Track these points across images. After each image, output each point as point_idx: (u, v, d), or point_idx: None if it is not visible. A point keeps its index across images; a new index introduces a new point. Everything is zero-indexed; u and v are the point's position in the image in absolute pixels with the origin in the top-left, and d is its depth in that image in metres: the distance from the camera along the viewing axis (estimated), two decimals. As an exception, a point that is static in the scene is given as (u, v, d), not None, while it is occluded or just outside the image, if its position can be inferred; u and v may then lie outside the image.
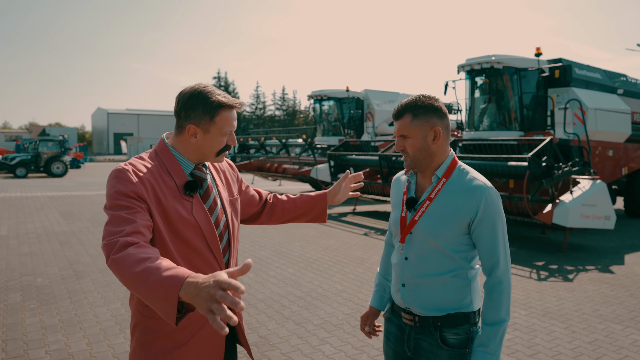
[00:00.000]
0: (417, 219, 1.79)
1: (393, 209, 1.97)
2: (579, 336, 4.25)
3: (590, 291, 5.59)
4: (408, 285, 1.81)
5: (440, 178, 1.79)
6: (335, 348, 3.97)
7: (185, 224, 1.62)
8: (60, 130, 68.13)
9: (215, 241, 1.69)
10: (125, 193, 1.52)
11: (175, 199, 1.62)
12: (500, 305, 1.71)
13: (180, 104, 1.67)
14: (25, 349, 3.91)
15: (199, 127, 1.64)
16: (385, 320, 2.00)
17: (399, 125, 1.78)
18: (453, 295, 1.76)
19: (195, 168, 1.72)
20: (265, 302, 5.13)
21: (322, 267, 6.57)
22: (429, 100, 1.77)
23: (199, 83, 1.70)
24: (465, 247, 1.76)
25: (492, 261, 1.73)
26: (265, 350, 3.91)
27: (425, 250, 1.77)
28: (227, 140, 1.70)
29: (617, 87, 11.58)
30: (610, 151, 10.60)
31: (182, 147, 1.70)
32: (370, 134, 16.83)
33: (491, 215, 1.71)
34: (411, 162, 1.79)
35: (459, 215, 1.72)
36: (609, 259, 7.30)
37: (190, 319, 1.63)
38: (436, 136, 1.76)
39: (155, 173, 1.63)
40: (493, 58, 10.33)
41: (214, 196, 1.75)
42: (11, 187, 19.12)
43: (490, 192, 1.73)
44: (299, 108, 74.55)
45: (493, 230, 1.72)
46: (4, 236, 8.59)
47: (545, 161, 7.66)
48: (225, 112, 1.65)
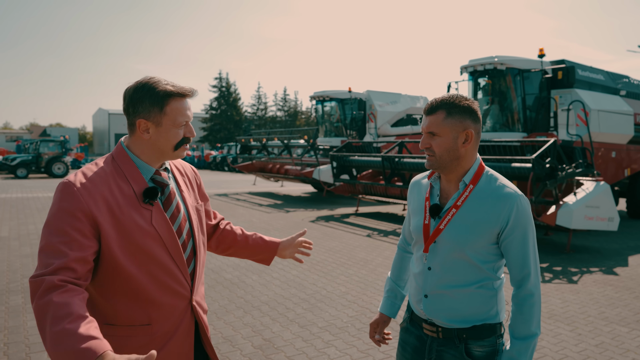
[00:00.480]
0: (442, 228, 1.70)
1: (413, 214, 1.86)
2: (585, 339, 4.22)
3: (595, 293, 5.56)
4: (431, 296, 1.73)
5: (467, 184, 1.70)
6: (341, 351, 3.94)
7: (145, 235, 1.52)
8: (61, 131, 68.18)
9: (178, 251, 1.59)
10: (69, 212, 1.42)
11: (132, 209, 1.52)
12: (532, 319, 1.65)
13: (127, 100, 1.56)
14: (27, 352, 3.88)
15: (149, 121, 1.54)
16: (402, 330, 1.92)
17: (430, 121, 1.68)
18: (479, 306, 1.69)
19: (156, 173, 1.61)
20: (269, 304, 5.10)
21: (326, 269, 6.55)
22: (466, 100, 1.68)
23: (145, 76, 1.60)
24: (493, 257, 1.69)
25: (522, 273, 1.66)
26: (269, 354, 3.88)
27: (451, 260, 1.69)
28: (184, 132, 1.60)
29: (620, 88, 11.56)
30: (613, 152, 10.58)
31: (138, 147, 1.59)
32: (372, 135, 16.82)
33: (522, 224, 1.64)
34: (435, 162, 1.69)
35: (488, 224, 1.64)
36: (612, 260, 7.27)
37: (152, 334, 1.54)
38: (467, 139, 1.67)
39: (110, 181, 1.52)
40: (496, 59, 10.32)
41: (177, 202, 1.64)
42: (12, 187, 19.11)
43: (521, 200, 1.66)
44: (300, 109, 74.52)
45: (524, 241, 1.65)
46: (5, 237, 8.57)
47: (549, 162, 7.64)
48: (176, 101, 1.56)
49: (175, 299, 1.58)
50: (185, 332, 1.62)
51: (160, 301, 1.54)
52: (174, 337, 1.59)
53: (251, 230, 9.41)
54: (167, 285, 1.56)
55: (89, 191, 1.46)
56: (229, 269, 6.51)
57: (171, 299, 1.57)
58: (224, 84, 62.80)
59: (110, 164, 1.57)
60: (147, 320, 1.54)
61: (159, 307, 1.54)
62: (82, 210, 1.43)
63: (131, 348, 1.52)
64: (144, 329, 1.54)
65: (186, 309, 1.62)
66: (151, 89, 1.54)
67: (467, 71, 10.85)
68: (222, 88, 62.64)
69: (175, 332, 1.59)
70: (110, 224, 1.47)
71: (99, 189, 1.48)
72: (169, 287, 1.57)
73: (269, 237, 2.07)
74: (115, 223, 1.48)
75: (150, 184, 1.60)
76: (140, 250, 1.51)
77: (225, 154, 33.68)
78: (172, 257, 1.58)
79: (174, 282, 1.58)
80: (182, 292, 1.60)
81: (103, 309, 1.53)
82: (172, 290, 1.57)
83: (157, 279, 1.54)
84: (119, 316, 1.52)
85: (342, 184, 12.40)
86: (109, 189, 1.50)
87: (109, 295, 1.52)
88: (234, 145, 33.39)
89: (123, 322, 1.52)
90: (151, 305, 1.53)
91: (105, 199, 1.48)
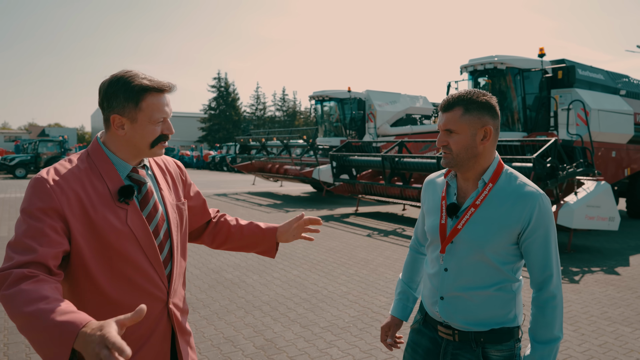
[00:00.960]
0: (460, 228, 1.64)
1: (428, 214, 1.80)
2: (588, 339, 4.21)
3: (597, 293, 5.55)
4: (447, 299, 1.68)
5: (487, 183, 1.64)
6: (343, 351, 3.92)
7: (119, 235, 1.44)
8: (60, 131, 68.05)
9: (155, 252, 1.51)
10: (40, 208, 1.36)
11: (106, 208, 1.44)
12: (554, 322, 1.61)
13: (102, 94, 1.49)
14: (27, 352, 3.85)
15: (124, 117, 1.46)
16: (414, 331, 1.87)
17: (447, 118, 1.62)
18: (497, 309, 1.64)
19: (133, 170, 1.53)
20: (271, 304, 5.08)
21: (327, 269, 6.53)
22: (484, 96, 1.62)
23: (122, 69, 1.51)
24: (513, 258, 1.64)
25: (544, 274, 1.62)
26: (271, 354, 3.86)
27: (469, 261, 1.63)
28: (161, 129, 1.51)
29: (620, 88, 11.56)
30: (613, 152, 10.58)
31: (114, 143, 1.52)
32: (372, 134, 16.81)
33: (545, 224, 1.60)
34: (452, 160, 1.63)
35: (508, 224, 1.59)
36: (613, 260, 7.27)
37: (126, 338, 1.43)
38: (486, 136, 1.61)
39: (84, 179, 1.44)
40: (496, 59, 10.32)
41: (155, 201, 1.56)
42: (11, 187, 19.06)
43: (543, 199, 1.60)
44: (299, 109, 74.49)
45: (546, 241, 1.61)
46: (4, 237, 8.53)
47: (549, 162, 7.63)
48: (152, 96, 1.47)
49: (151, 301, 1.50)
50: (161, 337, 1.54)
51: (134, 304, 1.45)
52: (148, 341, 1.51)
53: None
54: (142, 288, 1.49)
55: (62, 188, 1.39)
56: (229, 269, 6.48)
57: (146, 301, 1.48)
58: (222, 84, 62.73)
59: (85, 161, 1.50)
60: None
61: (132, 309, 1.44)
62: (53, 207, 1.37)
63: None
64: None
65: (162, 313, 1.55)
66: (126, 83, 1.46)
67: (467, 71, 10.85)
68: (220, 88, 62.56)
69: (150, 336, 1.51)
70: (82, 223, 1.41)
71: (71, 187, 1.41)
72: (144, 289, 1.50)
73: (266, 224, 1.93)
74: (87, 222, 1.41)
75: (127, 182, 1.52)
76: (113, 251, 1.44)
77: (224, 154, 33.64)
78: (148, 258, 1.50)
79: (150, 284, 1.51)
80: (157, 295, 1.53)
81: None
82: (147, 292, 1.50)
83: (131, 281, 1.47)
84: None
85: (341, 184, 12.38)
86: (82, 187, 1.43)
87: (79, 297, 1.45)
88: (233, 145, 33.37)
89: None
90: (124, 307, 1.45)
91: (78, 197, 1.41)
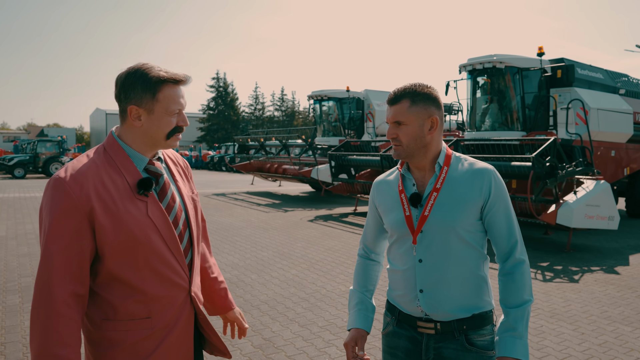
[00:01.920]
0: (427, 214, 1.66)
1: (387, 212, 1.78)
2: (588, 338, 4.19)
3: (596, 292, 5.53)
4: (428, 290, 1.67)
5: (442, 166, 1.70)
6: (342, 351, 3.89)
7: (142, 227, 1.48)
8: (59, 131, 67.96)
9: (175, 242, 1.55)
10: (65, 210, 1.40)
11: (127, 201, 1.48)
12: (524, 286, 1.65)
13: (119, 86, 1.52)
14: (24, 352, 3.83)
15: (141, 108, 1.50)
16: (388, 336, 1.81)
17: (395, 110, 1.68)
18: (475, 292, 1.67)
19: (149, 163, 1.57)
20: (269, 303, 5.05)
21: (325, 268, 6.50)
22: (428, 88, 1.69)
23: (138, 62, 1.55)
24: (481, 234, 1.70)
25: (510, 242, 1.69)
26: (270, 353, 3.84)
27: (443, 245, 1.65)
28: (177, 121, 1.55)
29: (619, 87, 11.54)
30: (612, 151, 10.56)
31: (130, 136, 1.54)
32: (370, 134, 16.78)
33: (503, 195, 1.67)
34: (403, 152, 1.68)
35: (471, 199, 1.65)
36: (613, 259, 7.25)
37: (153, 327, 1.51)
38: (433, 126, 1.68)
39: (102, 174, 1.47)
40: (495, 58, 10.27)
41: (172, 193, 1.60)
42: (9, 187, 19.01)
43: (496, 173, 1.69)
44: (297, 109, 74.48)
45: (507, 211, 1.68)
46: (3, 237, 8.51)
47: (549, 161, 7.61)
48: (169, 88, 1.51)
49: (175, 290, 1.55)
50: (185, 324, 1.59)
51: (160, 293, 1.51)
52: (174, 329, 1.55)
53: (250, 229, 9.38)
54: (166, 277, 1.53)
55: (82, 185, 1.42)
56: (227, 268, 6.45)
57: (170, 290, 1.54)
58: (221, 84, 62.68)
59: (102, 155, 1.52)
60: (147, 314, 1.51)
61: (158, 299, 1.52)
62: (78, 207, 1.40)
63: (132, 342, 1.49)
64: (144, 322, 1.50)
65: (185, 300, 1.59)
66: (143, 75, 1.49)
67: (466, 70, 10.80)
68: (219, 88, 62.51)
69: (175, 324, 1.56)
70: (104, 217, 1.43)
71: (91, 183, 1.44)
72: (168, 278, 1.54)
73: (229, 298, 1.93)
74: (110, 216, 1.44)
75: (144, 174, 1.55)
76: (138, 243, 1.47)
77: (222, 154, 33.63)
78: (169, 248, 1.54)
79: (173, 273, 1.55)
80: (180, 284, 1.57)
81: (102, 304, 1.50)
82: (171, 282, 1.54)
83: (155, 271, 1.51)
84: (118, 311, 1.49)
85: (340, 183, 12.36)
86: (101, 182, 1.46)
87: (108, 290, 1.49)
88: (231, 145, 33.34)
89: (123, 316, 1.49)
90: (150, 298, 1.50)
91: (97, 192, 1.44)
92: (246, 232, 9.20)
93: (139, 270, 1.49)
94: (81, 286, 1.44)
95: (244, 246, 7.92)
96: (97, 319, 1.50)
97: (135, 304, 1.49)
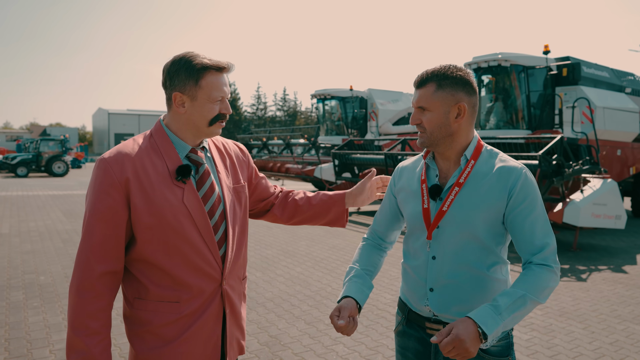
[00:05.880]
0: (445, 209, 1.54)
1: (405, 202, 1.68)
2: (598, 337, 4.13)
3: (605, 291, 5.47)
4: (438, 289, 1.56)
5: (468, 160, 1.56)
6: (349, 348, 3.84)
7: (175, 212, 1.49)
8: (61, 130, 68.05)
9: (209, 232, 1.54)
10: (105, 188, 1.46)
11: (164, 185, 1.50)
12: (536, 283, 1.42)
13: (165, 73, 1.56)
14: (28, 348, 3.79)
15: (185, 94, 1.52)
16: (398, 335, 1.72)
17: (419, 95, 1.55)
18: (491, 295, 1.53)
19: (192, 151, 1.58)
20: (274, 301, 5.01)
21: (330, 266, 6.45)
22: (459, 71, 1.53)
23: (184, 51, 1.57)
24: (501, 237, 1.56)
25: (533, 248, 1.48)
26: (276, 351, 3.79)
27: (459, 244, 1.53)
28: (219, 108, 1.56)
29: (625, 85, 11.47)
30: (618, 151, 10.48)
31: (175, 122, 1.57)
32: (374, 133, 16.74)
33: (529, 197, 1.50)
34: (427, 140, 1.56)
35: (495, 199, 1.51)
36: (620, 258, 7.19)
37: (180, 313, 1.52)
38: (460, 113, 1.53)
39: (144, 157, 1.51)
40: (500, 56, 10.22)
41: (211, 182, 1.59)
42: (12, 186, 19.01)
43: (526, 173, 1.53)
44: (299, 109, 74.47)
45: (533, 214, 1.49)
46: (6, 234, 8.48)
47: (555, 159, 7.55)
48: (212, 75, 1.52)
49: (205, 280, 1.55)
50: (214, 316, 1.58)
51: (189, 281, 1.52)
52: (201, 318, 1.54)
53: (253, 227, 9.33)
54: (197, 266, 1.53)
55: (122, 165, 1.47)
56: (232, 266, 6.41)
57: (200, 279, 1.54)
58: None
59: (148, 140, 1.57)
60: (176, 298, 1.52)
61: (188, 286, 1.52)
62: (116, 185, 1.46)
63: (159, 324, 1.52)
64: (172, 306, 1.52)
65: (215, 292, 1.57)
66: (187, 62, 1.51)
67: (471, 68, 10.74)
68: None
69: (202, 314, 1.55)
70: (139, 198, 1.47)
71: (131, 163, 1.48)
72: (199, 267, 1.53)
73: (335, 192, 1.95)
74: (144, 198, 1.48)
75: (185, 161, 1.56)
76: (169, 227, 1.49)
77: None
78: (202, 237, 1.53)
79: (204, 262, 1.54)
80: (211, 274, 1.56)
81: (135, 284, 1.55)
82: (201, 271, 1.54)
83: (186, 258, 1.52)
84: (149, 291, 1.52)
85: (343, 182, 12.31)
86: (141, 164, 1.50)
87: (141, 270, 1.53)
88: (234, 144, 33.32)
89: (152, 297, 1.52)
90: (179, 283, 1.52)
91: (136, 173, 1.48)
92: (250, 230, 9.16)
93: (169, 255, 1.50)
94: (117, 263, 1.49)
95: (248, 244, 7.86)
96: (130, 297, 1.56)
97: (164, 287, 1.52)
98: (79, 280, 1.46)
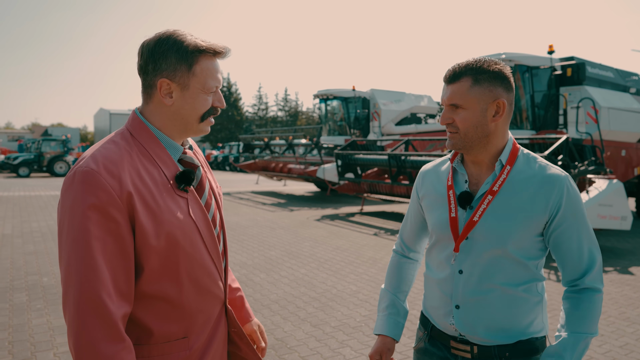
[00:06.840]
0: (476, 220, 1.39)
1: (431, 209, 1.55)
2: (608, 340, 4.08)
3: (613, 293, 5.42)
4: (465, 306, 1.43)
5: (504, 165, 1.40)
6: (356, 351, 3.80)
7: (184, 230, 1.23)
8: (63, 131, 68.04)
9: (215, 246, 1.32)
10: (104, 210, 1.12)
11: (168, 197, 1.23)
12: (590, 315, 1.38)
13: (146, 55, 1.23)
14: (32, 350, 3.75)
15: (174, 82, 1.23)
16: (419, 352, 1.60)
17: (453, 90, 1.38)
18: (524, 315, 1.41)
19: (183, 152, 1.33)
20: (279, 302, 4.97)
21: (335, 268, 6.41)
22: (496, 65, 1.39)
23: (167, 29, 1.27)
24: (538, 252, 1.43)
25: (581, 267, 1.41)
26: (283, 354, 3.75)
27: (490, 258, 1.39)
28: (213, 101, 1.29)
29: (630, 86, 11.42)
30: (622, 151, 10.44)
31: (159, 117, 1.27)
32: (376, 133, 16.71)
33: (576, 210, 1.39)
34: (460, 142, 1.40)
35: (534, 211, 1.37)
36: (627, 260, 7.14)
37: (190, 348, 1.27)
38: (499, 111, 1.38)
39: (138, 165, 1.21)
40: (504, 56, 10.17)
41: (209, 187, 1.37)
42: (14, 186, 18.98)
43: (570, 182, 1.41)
44: (301, 109, 74.42)
45: (580, 228, 1.39)
46: (8, 235, 8.45)
47: (561, 160, 7.50)
48: (207, 60, 1.25)
49: (211, 302, 1.33)
50: (222, 341, 1.38)
51: (197, 307, 1.29)
52: (210, 348, 1.32)
53: (256, 228, 9.30)
54: (205, 288, 1.30)
55: (119, 179, 1.15)
56: (235, 267, 6.37)
57: (207, 303, 1.31)
58: (225, 84, 62.74)
59: (131, 142, 1.24)
60: (184, 333, 1.27)
61: (195, 315, 1.28)
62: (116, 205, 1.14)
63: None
64: (180, 343, 1.26)
65: (221, 314, 1.37)
66: (178, 42, 1.22)
67: (475, 68, 10.72)
68: (222, 88, 62.60)
69: (211, 343, 1.33)
70: (146, 217, 1.18)
71: (128, 174, 1.18)
72: (207, 289, 1.30)
73: (246, 308, 1.63)
74: (151, 216, 1.19)
75: (181, 166, 1.30)
76: (179, 248, 1.23)
77: (226, 154, 33.62)
78: (209, 253, 1.31)
79: (212, 283, 1.32)
80: (217, 294, 1.35)
81: (132, 327, 1.22)
82: (209, 292, 1.31)
83: (196, 281, 1.27)
84: (153, 333, 1.23)
85: (346, 183, 12.27)
86: (137, 174, 1.20)
87: (142, 309, 1.22)
88: (235, 144, 33.36)
89: (158, 339, 1.23)
90: (188, 313, 1.27)
91: (136, 187, 1.18)
92: (253, 231, 9.12)
93: (179, 282, 1.24)
94: (130, 304, 1.17)
95: (251, 245, 7.84)
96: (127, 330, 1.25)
97: (172, 322, 1.25)
98: (104, 341, 1.09)
